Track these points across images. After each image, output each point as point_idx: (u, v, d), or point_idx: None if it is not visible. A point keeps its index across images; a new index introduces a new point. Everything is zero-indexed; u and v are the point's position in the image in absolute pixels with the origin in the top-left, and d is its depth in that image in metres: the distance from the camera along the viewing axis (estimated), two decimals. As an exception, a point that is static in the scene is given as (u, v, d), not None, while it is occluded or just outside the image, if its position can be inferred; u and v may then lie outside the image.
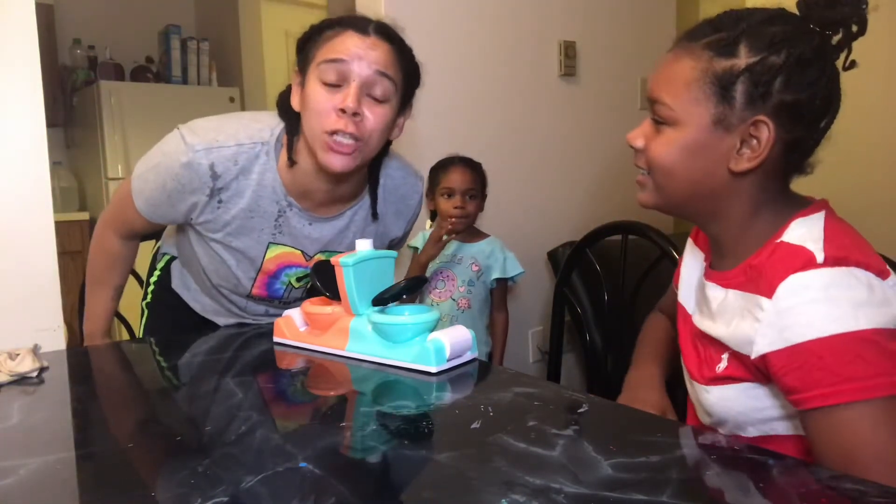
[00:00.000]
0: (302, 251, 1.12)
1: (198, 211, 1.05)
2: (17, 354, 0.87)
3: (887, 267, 0.70)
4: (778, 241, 0.72)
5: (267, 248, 1.10)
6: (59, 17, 3.29)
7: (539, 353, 2.27)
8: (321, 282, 0.97)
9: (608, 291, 1.77)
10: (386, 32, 0.99)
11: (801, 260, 0.68)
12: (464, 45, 1.99)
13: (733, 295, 0.76)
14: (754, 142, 0.71)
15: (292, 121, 1.03)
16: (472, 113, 2.03)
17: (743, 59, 0.70)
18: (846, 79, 0.74)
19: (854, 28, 0.72)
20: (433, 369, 0.85)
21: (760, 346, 0.69)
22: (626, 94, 2.44)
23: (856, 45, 0.74)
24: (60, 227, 1.34)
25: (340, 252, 1.11)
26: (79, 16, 3.44)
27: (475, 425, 0.67)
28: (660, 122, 0.76)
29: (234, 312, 1.24)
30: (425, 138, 1.92)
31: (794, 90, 0.70)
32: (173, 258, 1.27)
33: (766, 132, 0.70)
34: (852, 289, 0.65)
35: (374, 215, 1.14)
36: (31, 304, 1.24)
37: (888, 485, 0.56)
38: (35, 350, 0.91)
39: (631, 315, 1.69)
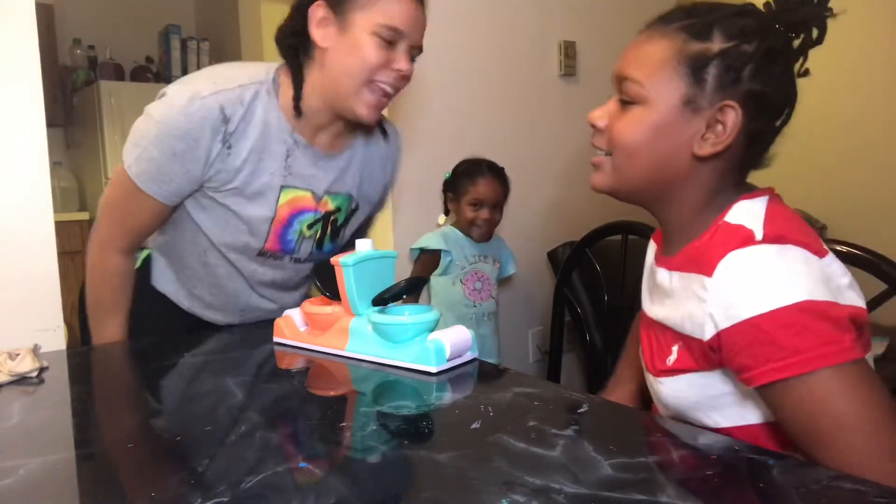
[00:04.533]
0: (312, 192, 1.12)
1: (210, 163, 1.03)
2: (17, 354, 0.87)
3: (825, 247, 0.71)
4: (720, 221, 0.74)
5: (280, 192, 1.09)
6: (59, 17, 3.30)
7: (539, 352, 2.27)
8: (321, 282, 0.98)
9: (608, 291, 1.77)
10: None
11: (740, 237, 0.69)
12: (464, 45, 1.99)
13: (677, 277, 0.77)
14: (720, 127, 0.72)
15: (298, 57, 1.05)
16: (471, 113, 2.03)
17: (717, 43, 0.72)
18: (848, 78, 0.74)
19: (815, 33, 0.74)
20: (433, 369, 0.85)
21: (710, 326, 0.69)
22: (626, 94, 2.44)
23: (855, 45, 0.75)
24: (60, 227, 1.34)
25: (343, 193, 1.17)
26: (79, 16, 3.44)
27: (475, 425, 0.67)
28: (626, 102, 0.76)
29: (234, 293, 1.18)
30: (425, 138, 1.92)
31: (761, 80, 0.71)
32: (148, 255, 1.21)
33: (732, 117, 0.71)
34: (790, 263, 0.67)
35: (384, 133, 1.23)
36: (31, 304, 1.24)
37: (858, 459, 0.58)
38: (35, 350, 0.91)
39: (631, 315, 1.69)
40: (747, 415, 0.73)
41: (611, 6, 2.38)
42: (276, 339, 1.03)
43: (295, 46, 1.06)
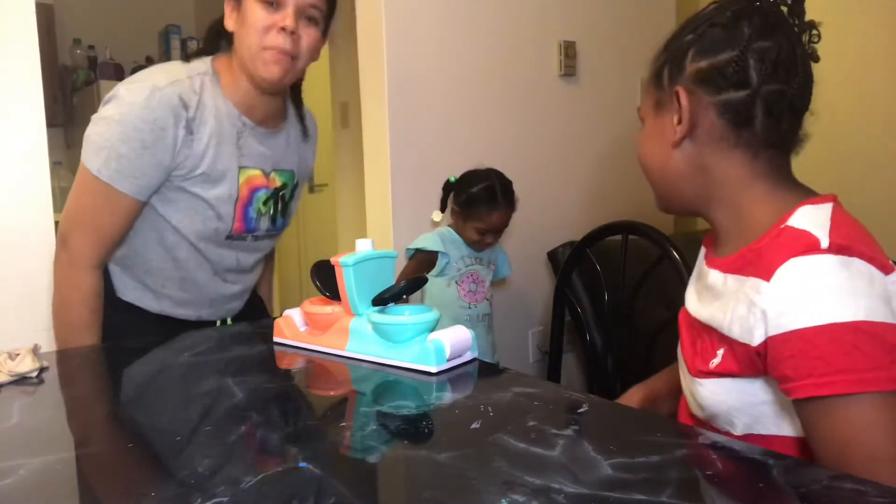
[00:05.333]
0: (262, 170, 1.21)
1: (178, 150, 1.09)
2: (17, 354, 0.87)
3: (891, 263, 0.69)
4: (783, 225, 0.72)
5: (238, 172, 1.17)
6: (59, 17, 3.29)
7: (539, 352, 2.27)
8: (321, 282, 0.97)
9: (608, 291, 1.77)
10: None
11: (804, 244, 0.67)
12: (464, 46, 1.99)
13: (732, 279, 0.75)
14: (675, 114, 0.78)
15: (221, 42, 1.16)
16: (471, 113, 2.03)
17: (666, 52, 0.80)
18: (848, 79, 0.74)
19: None
20: (433, 369, 0.85)
21: (760, 331, 0.68)
22: (626, 94, 2.45)
23: (857, 45, 0.75)
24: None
25: (287, 170, 1.27)
26: (79, 16, 3.45)
27: (475, 425, 0.67)
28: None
29: (203, 283, 1.23)
30: (424, 138, 1.92)
31: (703, 56, 0.75)
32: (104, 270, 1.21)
33: (682, 98, 0.76)
34: (853, 279, 0.64)
35: (305, 133, 1.31)
36: (31, 304, 1.24)
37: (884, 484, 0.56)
38: (35, 350, 0.91)
39: (631, 315, 1.69)
40: (784, 426, 0.72)
41: (611, 6, 2.39)
42: (276, 338, 1.03)
43: (217, 40, 1.17)
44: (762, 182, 0.76)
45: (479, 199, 1.77)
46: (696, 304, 0.84)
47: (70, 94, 3.37)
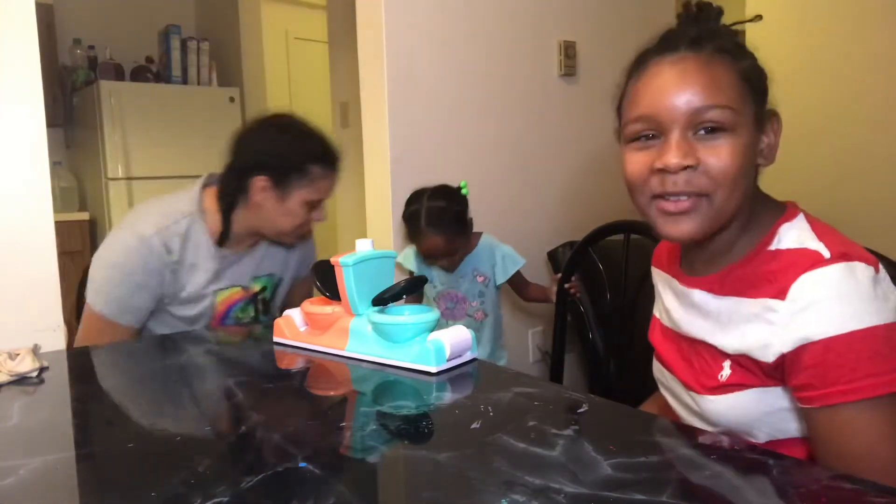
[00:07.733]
0: (240, 286, 1.36)
1: (165, 284, 1.25)
2: (17, 354, 0.87)
3: (873, 256, 0.71)
4: (772, 248, 0.73)
5: (215, 296, 1.32)
6: (59, 17, 3.29)
7: (539, 352, 2.27)
8: (321, 282, 0.97)
9: (610, 291, 1.77)
10: None
11: (810, 259, 0.69)
12: (464, 46, 1.99)
13: (723, 301, 0.76)
14: (771, 135, 0.75)
15: (231, 208, 1.30)
16: (471, 113, 2.03)
17: (748, 59, 0.74)
18: (852, 83, 0.75)
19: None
20: (433, 369, 0.85)
21: (777, 347, 0.69)
22: (626, 93, 2.44)
23: (858, 49, 0.76)
24: (60, 227, 1.34)
25: (266, 274, 1.40)
26: (79, 16, 3.44)
27: (475, 425, 0.67)
28: (713, 131, 0.70)
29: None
30: (424, 138, 1.92)
31: (765, 80, 0.75)
32: None
33: (776, 122, 0.74)
34: (859, 284, 0.66)
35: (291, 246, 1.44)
36: (31, 304, 1.23)
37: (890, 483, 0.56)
38: (35, 350, 0.91)
39: (632, 315, 1.69)
40: (804, 429, 0.73)
41: (611, 6, 2.38)
42: (276, 339, 1.03)
43: (232, 200, 1.29)
44: (753, 199, 0.77)
45: (407, 222, 1.70)
46: (683, 321, 0.83)
47: (70, 94, 3.37)
